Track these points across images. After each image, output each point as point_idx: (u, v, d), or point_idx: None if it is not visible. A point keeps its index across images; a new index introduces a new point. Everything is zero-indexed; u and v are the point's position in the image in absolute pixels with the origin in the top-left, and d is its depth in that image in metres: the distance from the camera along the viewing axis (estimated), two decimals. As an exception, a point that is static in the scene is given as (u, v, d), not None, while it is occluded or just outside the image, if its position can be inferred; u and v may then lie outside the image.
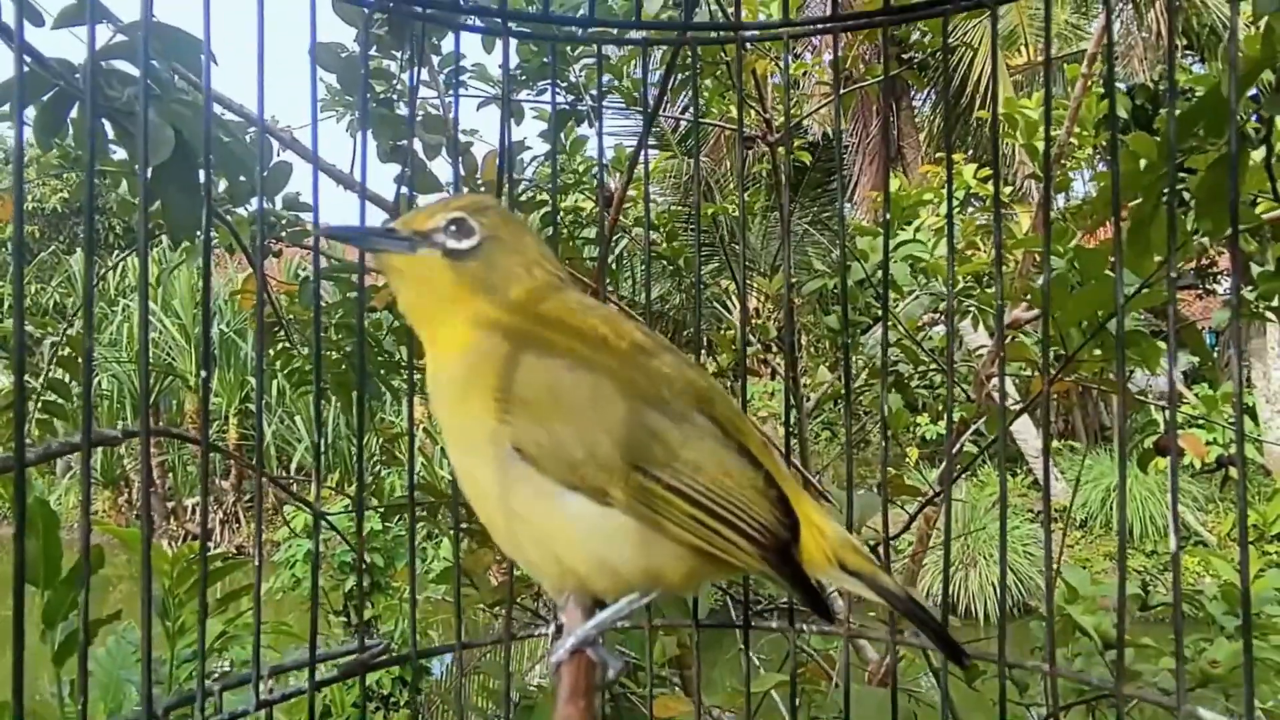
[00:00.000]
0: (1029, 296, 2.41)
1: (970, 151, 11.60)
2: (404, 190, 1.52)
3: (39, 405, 2.18)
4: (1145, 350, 1.32)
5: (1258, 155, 1.21)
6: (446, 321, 0.75)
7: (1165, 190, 1.04)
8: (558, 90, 2.32)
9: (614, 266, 3.39)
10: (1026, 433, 9.93)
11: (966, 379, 2.90)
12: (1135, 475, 9.65)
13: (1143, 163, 1.17)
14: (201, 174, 0.87)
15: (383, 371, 2.18)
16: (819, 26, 1.03)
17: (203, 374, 0.80)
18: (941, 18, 0.98)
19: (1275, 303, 1.53)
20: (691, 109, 2.63)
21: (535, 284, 0.76)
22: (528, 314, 0.74)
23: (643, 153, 1.63)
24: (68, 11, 0.85)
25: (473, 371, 0.72)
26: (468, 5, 1.00)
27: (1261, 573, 1.89)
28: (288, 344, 2.26)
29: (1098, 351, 1.35)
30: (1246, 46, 1.09)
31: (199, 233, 0.85)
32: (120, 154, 1.79)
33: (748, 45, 2.58)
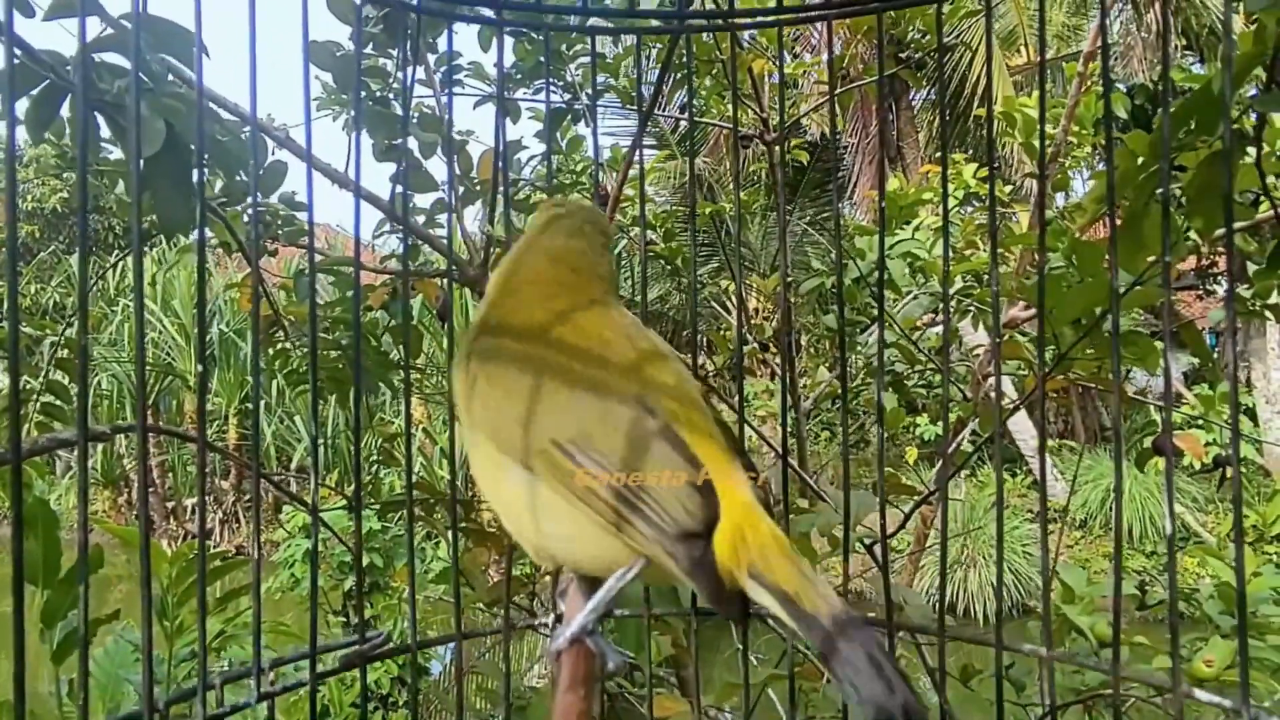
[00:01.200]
0: (1024, 293, 2.41)
1: (970, 151, 11.61)
2: (399, 189, 1.52)
3: (38, 407, 2.18)
4: (1142, 349, 1.32)
5: (1250, 153, 1.21)
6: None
7: (1158, 187, 1.04)
8: (553, 89, 2.32)
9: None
10: (1025, 432, 9.94)
11: (965, 378, 2.90)
12: (1134, 476, 9.66)
13: (1139, 160, 1.17)
14: (194, 169, 0.86)
15: (381, 369, 2.17)
16: (812, 14, 1.02)
17: (198, 369, 0.79)
18: (936, 5, 0.98)
19: (1273, 299, 1.53)
20: (688, 106, 2.63)
21: (503, 302, 0.85)
22: (497, 325, 0.84)
23: (638, 152, 1.62)
24: (58, 3, 0.85)
25: (458, 373, 0.83)
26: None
27: (1258, 573, 1.89)
28: (286, 344, 2.26)
29: (1090, 350, 1.34)
30: (1242, 44, 1.09)
31: (193, 228, 0.84)
32: (118, 154, 1.79)
33: (744, 44, 2.58)
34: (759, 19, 1.07)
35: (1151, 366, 1.38)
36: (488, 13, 0.99)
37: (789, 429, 2.88)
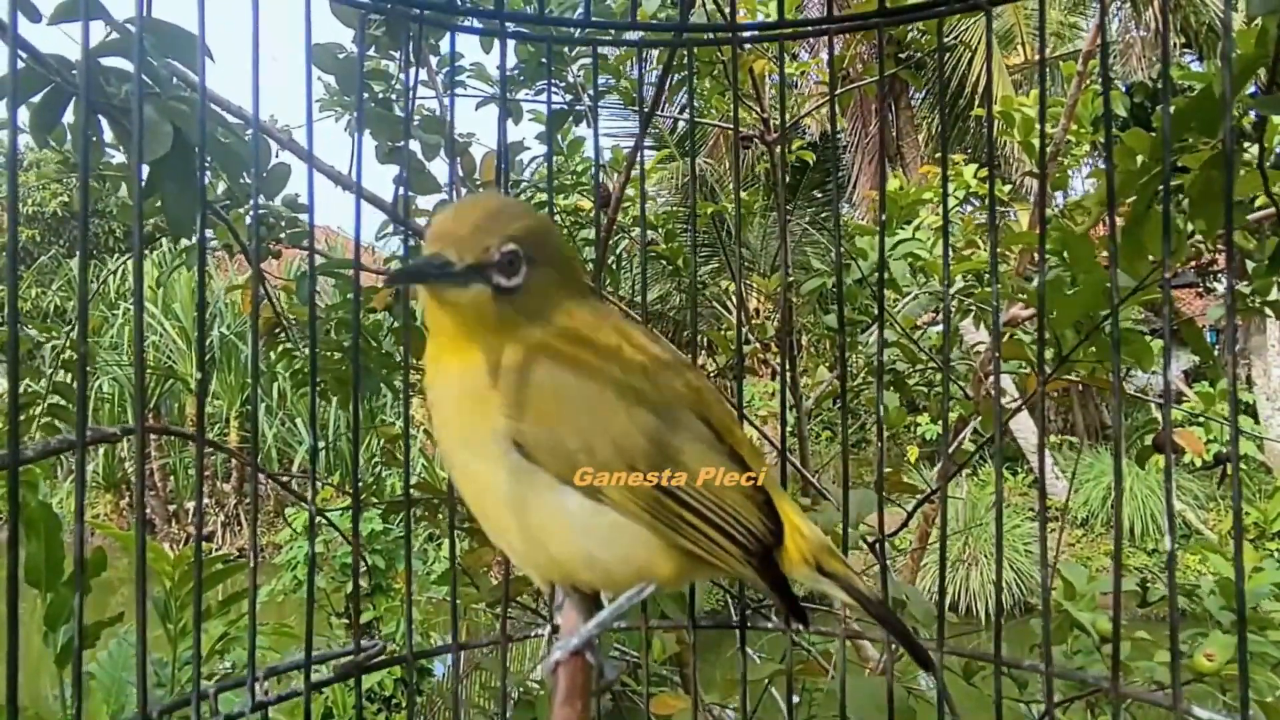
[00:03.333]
0: (1025, 295, 2.42)
1: (969, 151, 11.61)
2: (402, 191, 1.53)
3: (42, 410, 2.18)
4: (1139, 349, 1.32)
5: (1251, 152, 1.21)
6: (479, 340, 0.73)
7: (1159, 189, 1.04)
8: (555, 90, 2.32)
9: (614, 267, 3.39)
10: (1026, 430, 9.93)
11: (965, 377, 2.90)
12: (1135, 473, 9.65)
13: (1139, 160, 1.17)
14: (198, 170, 0.87)
15: (384, 370, 2.18)
16: (815, 28, 1.03)
17: (199, 371, 0.80)
18: (937, 19, 0.98)
19: (1272, 296, 1.54)
20: (689, 108, 2.64)
21: (566, 302, 0.75)
22: (547, 329, 0.74)
23: (639, 153, 1.63)
24: (63, 7, 0.86)
25: (483, 377, 0.72)
26: (464, 5, 1.00)
27: (1259, 568, 1.89)
28: (288, 344, 2.26)
29: (1092, 350, 1.35)
30: (1241, 43, 1.09)
31: (196, 227, 0.85)
32: (120, 158, 1.80)
33: (744, 46, 2.59)
34: (762, 31, 1.07)
35: (1147, 365, 1.38)
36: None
37: (790, 428, 2.88)
